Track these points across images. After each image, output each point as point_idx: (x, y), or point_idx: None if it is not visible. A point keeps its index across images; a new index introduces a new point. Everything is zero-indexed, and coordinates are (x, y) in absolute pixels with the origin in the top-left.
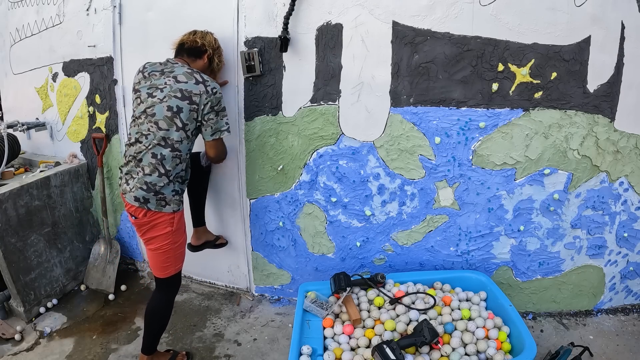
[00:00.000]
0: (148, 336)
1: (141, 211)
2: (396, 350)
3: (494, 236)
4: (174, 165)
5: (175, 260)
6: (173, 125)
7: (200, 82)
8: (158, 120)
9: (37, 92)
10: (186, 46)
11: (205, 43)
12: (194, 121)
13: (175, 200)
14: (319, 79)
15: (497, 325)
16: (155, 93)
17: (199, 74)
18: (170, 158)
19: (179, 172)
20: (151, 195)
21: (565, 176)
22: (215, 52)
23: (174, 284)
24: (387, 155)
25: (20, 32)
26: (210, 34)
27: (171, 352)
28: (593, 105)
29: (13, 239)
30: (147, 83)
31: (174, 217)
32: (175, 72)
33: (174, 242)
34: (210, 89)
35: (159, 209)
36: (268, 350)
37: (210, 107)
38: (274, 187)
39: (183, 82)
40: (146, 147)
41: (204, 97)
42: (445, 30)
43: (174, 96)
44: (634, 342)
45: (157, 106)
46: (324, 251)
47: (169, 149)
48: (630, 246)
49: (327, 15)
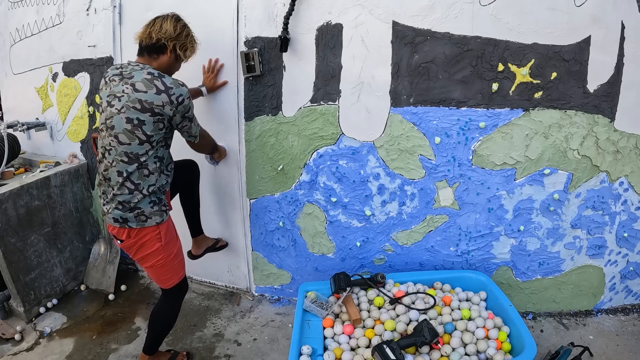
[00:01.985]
0: (151, 337)
1: (124, 232)
2: (396, 350)
3: (494, 236)
4: (142, 178)
5: (174, 271)
6: (135, 139)
7: (162, 90)
8: (118, 134)
9: (37, 92)
10: (143, 44)
11: (162, 37)
12: (160, 131)
13: (156, 211)
14: (319, 79)
15: (497, 325)
16: (113, 102)
17: (160, 80)
18: (137, 173)
19: (152, 183)
20: (128, 214)
21: (565, 176)
22: (176, 42)
23: (180, 290)
24: (387, 155)
25: (20, 32)
26: (170, 18)
27: (171, 352)
28: (593, 105)
29: (13, 239)
30: (107, 90)
31: (159, 231)
32: (134, 78)
33: (167, 255)
34: (175, 99)
35: (141, 225)
36: (268, 350)
37: (181, 117)
38: (274, 187)
39: (142, 92)
40: (110, 164)
41: (168, 108)
42: (445, 30)
43: (133, 107)
44: (634, 342)
45: (115, 117)
46: (324, 251)
47: (135, 164)
48: (630, 246)
49: (327, 15)
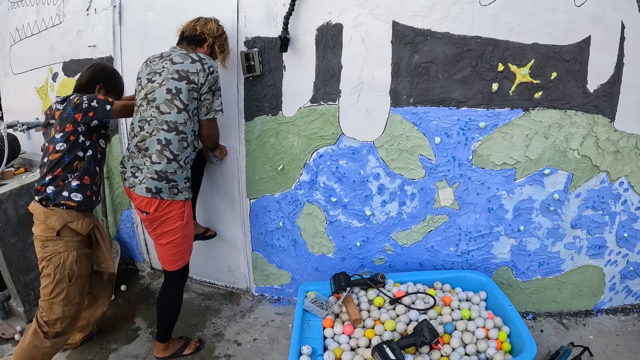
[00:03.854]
0: (161, 325)
1: (153, 204)
2: (396, 350)
3: (494, 236)
4: (181, 149)
5: (184, 252)
6: (174, 108)
7: (196, 60)
8: (159, 105)
9: (37, 92)
10: (186, 34)
11: (205, 31)
12: (194, 100)
13: (187, 187)
14: (319, 79)
15: (497, 325)
16: (154, 78)
17: (194, 53)
18: (177, 141)
19: (188, 155)
20: (163, 184)
21: (565, 176)
22: (216, 41)
23: (183, 275)
24: (387, 155)
25: (20, 32)
26: (214, 20)
27: (184, 339)
28: (593, 105)
29: (13, 239)
30: (147, 70)
31: (184, 209)
32: (171, 56)
33: (184, 235)
34: (207, 67)
35: (172, 197)
36: (268, 350)
37: (208, 87)
38: (274, 187)
39: (179, 63)
40: (149, 134)
41: (201, 75)
42: (445, 30)
43: (172, 78)
44: (634, 342)
45: (157, 90)
46: (324, 251)
47: (173, 132)
48: (630, 246)
49: (327, 15)
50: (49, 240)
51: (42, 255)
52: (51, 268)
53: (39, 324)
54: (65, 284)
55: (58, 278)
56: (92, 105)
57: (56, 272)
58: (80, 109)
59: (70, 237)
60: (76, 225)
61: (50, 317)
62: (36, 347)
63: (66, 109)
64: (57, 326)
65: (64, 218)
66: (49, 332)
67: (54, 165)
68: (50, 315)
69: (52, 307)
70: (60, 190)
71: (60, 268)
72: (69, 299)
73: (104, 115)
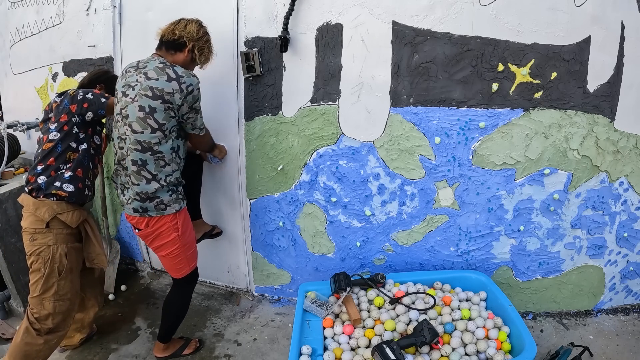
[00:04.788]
0: (165, 326)
1: (143, 221)
2: (396, 350)
3: (494, 236)
4: (158, 168)
5: (187, 260)
6: (147, 127)
7: (173, 78)
8: (132, 123)
9: (37, 92)
10: (164, 39)
11: (185, 35)
12: (171, 119)
13: (174, 199)
14: (319, 79)
15: (497, 325)
16: (127, 92)
17: (171, 69)
18: (153, 161)
19: (169, 173)
20: (147, 204)
21: (565, 176)
22: (196, 44)
23: (191, 280)
24: (387, 155)
25: (20, 32)
26: (195, 22)
27: (184, 339)
28: (593, 105)
29: (13, 239)
30: (122, 81)
31: (177, 220)
32: (147, 68)
33: (182, 245)
34: (185, 87)
35: (160, 213)
36: (268, 350)
37: (189, 107)
38: (274, 187)
39: (153, 79)
40: (126, 153)
41: (177, 96)
42: (445, 30)
43: (145, 95)
44: (634, 342)
45: (129, 106)
46: (324, 251)
47: (148, 152)
48: (630, 246)
49: (327, 15)
50: (38, 233)
51: (30, 249)
52: (40, 262)
53: (30, 321)
54: (55, 279)
55: (48, 272)
56: (87, 97)
57: (46, 266)
58: (76, 101)
59: (60, 229)
60: (66, 217)
61: (41, 313)
62: (29, 345)
63: (63, 101)
64: (49, 322)
65: (53, 209)
66: (41, 329)
67: (46, 154)
68: (41, 311)
69: (43, 302)
70: (53, 181)
71: (50, 262)
72: (60, 294)
73: (99, 107)
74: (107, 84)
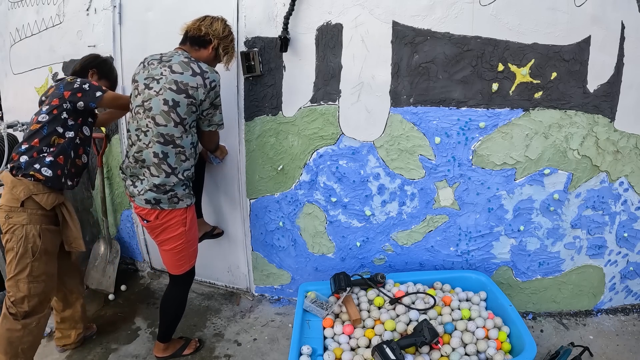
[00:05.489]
0: (163, 326)
1: (153, 213)
2: (396, 350)
3: (494, 236)
4: (179, 162)
5: (189, 257)
6: (170, 121)
7: (197, 73)
8: (155, 115)
9: (37, 92)
10: (190, 34)
11: (211, 32)
12: (192, 114)
13: (187, 194)
14: (319, 79)
15: (497, 325)
16: (152, 84)
17: (196, 64)
18: (174, 155)
19: (188, 168)
20: (162, 195)
21: (565, 176)
22: (221, 42)
23: (188, 278)
24: (387, 155)
25: (20, 32)
26: (221, 20)
27: (184, 339)
28: (593, 105)
29: None
30: (145, 73)
31: (186, 215)
32: (171, 61)
33: (187, 240)
34: (209, 82)
35: (172, 207)
36: (268, 350)
37: (210, 103)
38: (274, 187)
39: (178, 73)
40: (146, 145)
41: (201, 91)
42: (445, 30)
43: (169, 89)
44: (634, 342)
45: (153, 99)
46: (324, 251)
47: (170, 145)
48: (630, 246)
49: (327, 15)
50: (13, 211)
51: (5, 228)
52: (14, 241)
53: (7, 306)
54: (30, 259)
55: (21, 252)
56: (82, 87)
57: (19, 245)
58: (70, 88)
59: (34, 210)
60: (41, 198)
61: (17, 295)
62: (9, 331)
63: (59, 86)
64: (25, 305)
65: (29, 189)
66: (17, 313)
67: (32, 134)
68: (16, 294)
69: (18, 284)
70: (33, 162)
71: (23, 241)
72: (34, 275)
73: (91, 100)
74: (99, 69)
